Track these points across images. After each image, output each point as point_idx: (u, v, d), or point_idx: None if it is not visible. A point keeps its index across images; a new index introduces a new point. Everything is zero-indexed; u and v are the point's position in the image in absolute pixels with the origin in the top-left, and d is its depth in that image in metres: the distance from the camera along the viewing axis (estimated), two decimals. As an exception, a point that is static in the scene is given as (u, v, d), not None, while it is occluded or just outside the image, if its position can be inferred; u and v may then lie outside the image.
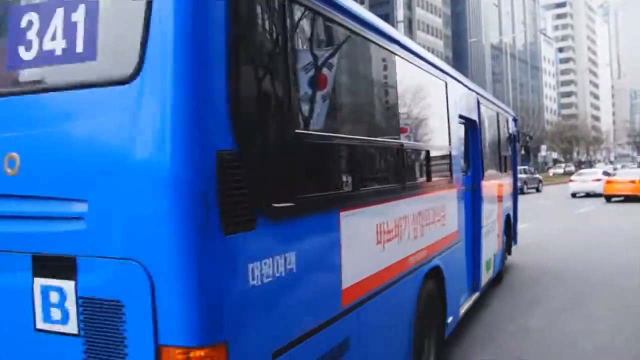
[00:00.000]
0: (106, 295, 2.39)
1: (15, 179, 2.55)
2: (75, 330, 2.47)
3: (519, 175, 36.24)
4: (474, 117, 7.21)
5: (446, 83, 5.87)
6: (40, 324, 2.55)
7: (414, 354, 4.49)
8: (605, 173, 31.07)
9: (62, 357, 2.50)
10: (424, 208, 4.96)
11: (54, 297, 2.51)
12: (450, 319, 5.56)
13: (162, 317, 2.30)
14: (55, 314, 2.51)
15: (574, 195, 30.57)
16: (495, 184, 8.61)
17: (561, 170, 64.20)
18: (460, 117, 6.43)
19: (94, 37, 2.44)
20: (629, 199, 25.21)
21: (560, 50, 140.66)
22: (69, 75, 2.52)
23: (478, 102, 7.51)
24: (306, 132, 3.03)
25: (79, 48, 2.45)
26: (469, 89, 7.13)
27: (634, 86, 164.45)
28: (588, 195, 28.98)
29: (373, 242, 3.82)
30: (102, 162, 2.37)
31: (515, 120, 11.45)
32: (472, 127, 7.15)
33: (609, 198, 26.14)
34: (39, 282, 2.54)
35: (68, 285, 2.47)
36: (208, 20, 2.34)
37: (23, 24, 2.58)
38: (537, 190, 38.34)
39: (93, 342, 2.44)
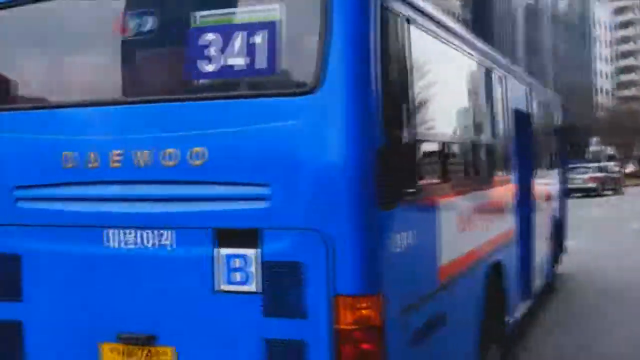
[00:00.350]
0: (287, 258, 4.21)
1: (201, 169, 4.36)
2: (255, 289, 4.28)
3: (595, 175, 38.41)
4: (526, 110, 9.32)
5: (505, 77, 7.90)
6: (221, 286, 4.35)
7: (482, 343, 6.41)
8: None
9: (242, 313, 4.31)
10: (490, 203, 7.00)
11: (236, 263, 4.31)
12: (508, 318, 7.58)
13: (337, 273, 4.12)
14: (237, 276, 4.31)
15: None
16: (545, 183, 10.75)
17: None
18: (515, 111, 8.45)
19: (273, 55, 4.26)
20: None
21: (619, 11, 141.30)
22: (250, 86, 4.37)
23: (529, 94, 9.61)
24: (419, 133, 4.97)
25: (260, 64, 4.27)
26: (522, 79, 9.30)
27: None
28: None
29: (457, 229, 5.80)
30: (285, 154, 4.20)
31: (564, 109, 13.68)
32: (523, 121, 9.13)
33: None
34: (222, 251, 4.34)
35: (251, 253, 4.28)
36: (371, 47, 4.21)
37: (202, 42, 4.39)
38: (616, 192, 40.09)
39: (274, 297, 4.25)
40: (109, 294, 4.64)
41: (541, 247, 10.32)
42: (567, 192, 13.98)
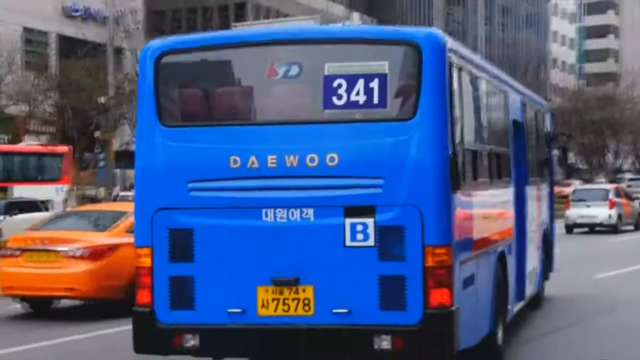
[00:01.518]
0: (394, 223, 7.00)
1: (334, 167, 7.07)
2: (373, 244, 7.05)
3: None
4: (521, 119, 11.71)
5: (506, 92, 10.72)
6: (348, 243, 7.09)
7: (495, 315, 9.07)
8: None
9: (363, 260, 7.06)
10: (501, 201, 9.98)
11: (359, 227, 7.06)
12: (510, 307, 10.16)
13: (426, 232, 6.95)
14: (360, 236, 7.06)
15: None
16: (536, 192, 12.77)
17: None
18: (513, 121, 10.96)
19: (384, 95, 7.02)
20: None
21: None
22: (368, 115, 7.18)
23: (523, 104, 12.03)
24: (466, 145, 7.90)
25: (375, 101, 7.03)
26: (518, 91, 11.84)
27: None
28: None
29: (483, 215, 8.74)
30: (392, 157, 6.99)
31: (552, 116, 15.21)
32: (518, 131, 11.31)
33: None
34: (349, 220, 7.08)
35: (369, 221, 7.04)
36: (445, 90, 7.09)
37: (334, 84, 7.10)
38: None
39: (384, 249, 7.03)
40: (265, 252, 7.25)
41: (533, 254, 12.23)
42: (553, 205, 14.94)
